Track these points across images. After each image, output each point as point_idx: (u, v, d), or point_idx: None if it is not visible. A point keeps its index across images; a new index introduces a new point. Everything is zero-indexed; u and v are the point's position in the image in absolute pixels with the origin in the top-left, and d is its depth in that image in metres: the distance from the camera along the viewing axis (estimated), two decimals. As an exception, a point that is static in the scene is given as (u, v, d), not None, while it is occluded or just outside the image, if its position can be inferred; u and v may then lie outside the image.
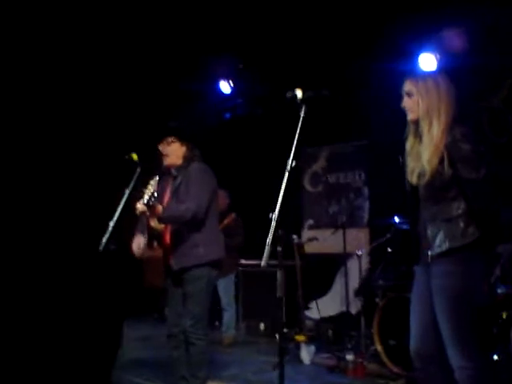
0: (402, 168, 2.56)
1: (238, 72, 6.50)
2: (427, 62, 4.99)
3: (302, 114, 2.46)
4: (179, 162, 3.33)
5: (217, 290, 5.38)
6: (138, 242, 3.26)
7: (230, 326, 5.57)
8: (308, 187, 6.33)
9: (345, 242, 4.89)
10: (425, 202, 2.44)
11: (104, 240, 2.95)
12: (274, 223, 2.29)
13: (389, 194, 4.49)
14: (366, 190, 6.00)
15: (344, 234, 4.93)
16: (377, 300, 4.51)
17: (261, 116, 6.48)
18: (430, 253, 2.36)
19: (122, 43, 5.48)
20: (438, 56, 5.01)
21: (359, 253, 4.91)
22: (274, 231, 2.28)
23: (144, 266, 3.26)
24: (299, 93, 2.48)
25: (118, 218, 3.01)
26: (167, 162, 3.32)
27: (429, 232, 2.39)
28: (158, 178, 3.08)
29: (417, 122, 2.42)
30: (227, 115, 7.09)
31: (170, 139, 3.30)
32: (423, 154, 2.37)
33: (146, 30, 5.35)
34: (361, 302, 4.85)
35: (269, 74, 6.05)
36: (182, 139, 3.34)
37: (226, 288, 5.56)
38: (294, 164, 2.38)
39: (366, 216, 5.96)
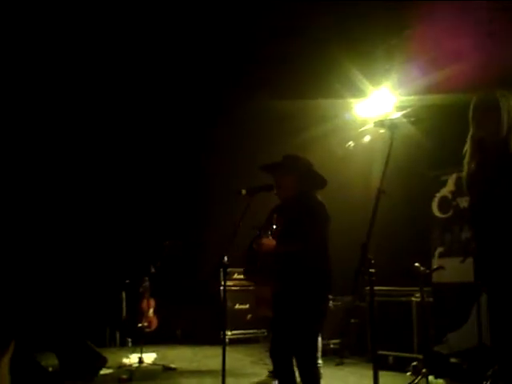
0: None
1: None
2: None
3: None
4: (292, 193, 3.42)
5: None
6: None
7: None
8: (437, 213, 6.03)
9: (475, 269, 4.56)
10: None
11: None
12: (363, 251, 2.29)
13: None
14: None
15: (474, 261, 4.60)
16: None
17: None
18: None
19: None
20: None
21: (491, 281, 4.53)
22: (363, 259, 2.29)
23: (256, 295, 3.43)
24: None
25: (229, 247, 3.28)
26: (281, 195, 3.46)
27: None
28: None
29: None
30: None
31: (280, 173, 3.45)
32: None
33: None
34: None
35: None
36: (292, 172, 3.45)
37: None
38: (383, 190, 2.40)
39: (503, 241, 5.47)
